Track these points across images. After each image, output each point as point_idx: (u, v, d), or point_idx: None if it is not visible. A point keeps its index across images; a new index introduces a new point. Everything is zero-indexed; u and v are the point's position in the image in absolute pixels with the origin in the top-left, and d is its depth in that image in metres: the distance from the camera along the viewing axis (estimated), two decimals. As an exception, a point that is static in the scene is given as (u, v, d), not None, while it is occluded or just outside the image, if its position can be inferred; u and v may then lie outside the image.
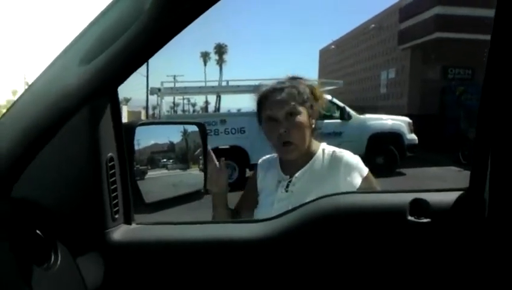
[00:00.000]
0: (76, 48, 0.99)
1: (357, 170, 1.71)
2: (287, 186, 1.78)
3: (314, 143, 1.82)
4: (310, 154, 1.79)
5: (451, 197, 1.08)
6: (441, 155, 14.82)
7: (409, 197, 1.09)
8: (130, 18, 0.93)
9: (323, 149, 1.80)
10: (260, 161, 1.98)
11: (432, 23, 21.40)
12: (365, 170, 1.72)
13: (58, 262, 0.98)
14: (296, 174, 1.77)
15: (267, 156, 1.97)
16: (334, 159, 1.75)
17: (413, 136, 13.48)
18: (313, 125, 1.80)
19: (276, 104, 1.75)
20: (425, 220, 1.05)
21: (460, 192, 1.09)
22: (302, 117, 1.74)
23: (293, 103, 1.73)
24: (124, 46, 0.94)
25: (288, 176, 1.80)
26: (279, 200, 1.76)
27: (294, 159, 1.78)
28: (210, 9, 0.98)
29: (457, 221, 1.05)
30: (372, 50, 30.19)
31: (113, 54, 0.95)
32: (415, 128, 13.74)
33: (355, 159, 1.75)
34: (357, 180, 1.69)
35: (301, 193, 1.66)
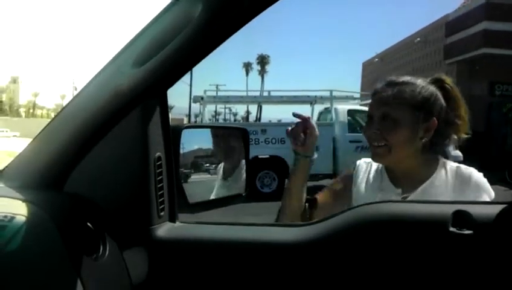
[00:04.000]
0: (130, 51, 1.03)
1: (487, 191, 1.49)
2: None
3: (432, 157, 1.56)
4: (427, 170, 1.53)
5: (494, 209, 1.07)
6: (487, 173, 14.31)
7: (451, 208, 1.08)
8: (180, 25, 0.97)
9: (444, 163, 1.56)
10: (361, 161, 1.71)
11: (480, 39, 20.91)
12: (493, 193, 1.50)
13: (106, 254, 1.03)
14: (418, 191, 1.50)
15: (369, 158, 1.68)
16: (461, 177, 1.52)
17: (457, 153, 13.00)
18: (425, 138, 1.51)
19: (374, 102, 1.53)
20: (467, 232, 1.04)
21: (504, 205, 1.07)
22: (402, 123, 1.47)
23: (393, 104, 1.48)
24: (174, 50, 0.98)
25: (400, 190, 1.53)
26: None
27: (402, 170, 1.54)
28: (254, 20, 1.02)
29: (500, 234, 1.04)
30: (417, 64, 29.69)
31: (165, 57, 0.99)
32: (459, 144, 13.37)
33: (484, 179, 1.53)
34: None
35: None
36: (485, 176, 1.55)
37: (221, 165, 1.53)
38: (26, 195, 1.01)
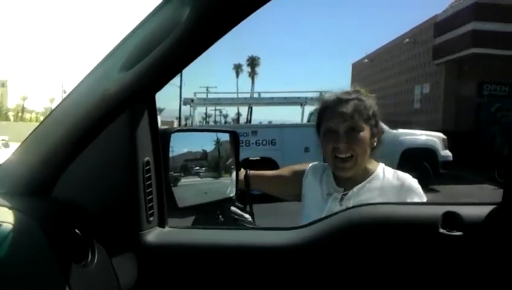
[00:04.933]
0: (117, 55, 1.02)
1: (418, 195, 1.64)
2: (341, 199, 1.70)
3: (373, 162, 1.76)
4: (367, 172, 1.73)
5: (483, 211, 1.07)
6: (476, 173, 14.49)
7: (441, 209, 1.09)
8: (167, 28, 0.96)
9: (383, 169, 1.75)
10: (312, 164, 1.89)
11: (468, 39, 21.03)
12: (425, 197, 1.65)
13: (95, 260, 1.02)
14: (354, 189, 1.69)
15: (320, 162, 1.88)
16: (396, 180, 1.69)
17: (447, 153, 13.22)
18: (375, 144, 1.73)
19: (338, 117, 1.67)
20: (457, 233, 1.05)
21: (493, 206, 1.08)
22: (364, 134, 1.67)
23: (356, 118, 1.66)
24: (162, 54, 0.98)
25: (342, 189, 1.72)
26: (331, 213, 1.50)
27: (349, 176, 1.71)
28: (243, 22, 1.01)
29: (489, 235, 1.04)
30: (406, 64, 29.83)
31: (152, 61, 0.98)
32: (449, 144, 13.47)
33: (416, 184, 1.68)
34: None
35: None
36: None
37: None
38: (13, 202, 1.00)
